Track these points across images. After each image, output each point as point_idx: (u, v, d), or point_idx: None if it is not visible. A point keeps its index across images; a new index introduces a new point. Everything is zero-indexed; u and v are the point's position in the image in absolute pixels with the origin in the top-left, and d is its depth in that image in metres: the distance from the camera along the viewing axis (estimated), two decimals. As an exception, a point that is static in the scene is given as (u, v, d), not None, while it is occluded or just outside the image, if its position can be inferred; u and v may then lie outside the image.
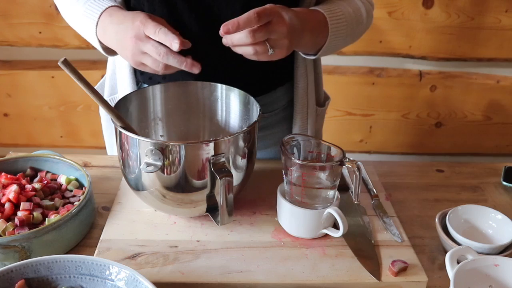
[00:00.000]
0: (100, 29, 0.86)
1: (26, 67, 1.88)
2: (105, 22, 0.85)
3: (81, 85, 0.72)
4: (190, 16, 0.90)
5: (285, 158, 0.78)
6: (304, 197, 0.79)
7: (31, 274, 0.66)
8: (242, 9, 0.87)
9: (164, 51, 0.76)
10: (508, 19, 1.83)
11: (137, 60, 0.80)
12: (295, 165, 0.77)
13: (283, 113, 1.09)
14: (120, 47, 0.82)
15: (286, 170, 0.79)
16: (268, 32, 0.77)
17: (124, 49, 0.80)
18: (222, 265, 0.75)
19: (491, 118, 2.04)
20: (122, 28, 0.81)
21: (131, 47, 0.78)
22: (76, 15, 0.90)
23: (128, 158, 0.77)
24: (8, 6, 1.77)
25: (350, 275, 0.74)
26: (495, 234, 0.82)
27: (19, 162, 0.90)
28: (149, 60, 0.78)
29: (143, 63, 0.79)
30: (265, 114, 1.06)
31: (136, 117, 0.89)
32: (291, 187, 0.79)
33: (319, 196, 0.79)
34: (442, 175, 1.04)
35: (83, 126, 2.01)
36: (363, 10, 0.97)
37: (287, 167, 0.78)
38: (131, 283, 0.64)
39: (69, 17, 0.95)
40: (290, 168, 0.78)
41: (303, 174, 0.77)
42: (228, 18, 0.83)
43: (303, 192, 0.78)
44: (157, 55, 0.76)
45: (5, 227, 0.76)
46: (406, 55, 1.89)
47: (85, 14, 0.87)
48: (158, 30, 0.75)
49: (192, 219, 0.84)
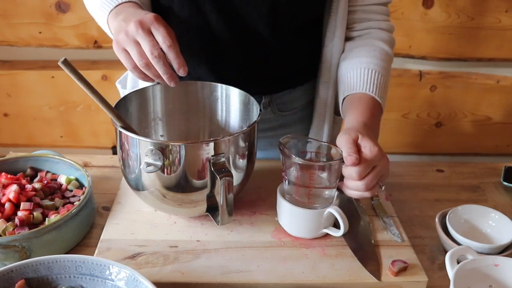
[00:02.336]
0: (113, 14, 0.82)
1: (26, 67, 1.88)
2: (121, 9, 0.81)
3: (81, 85, 0.72)
4: (217, 16, 0.90)
5: (284, 158, 0.78)
6: (303, 197, 0.79)
7: (31, 274, 0.66)
8: (268, 13, 0.89)
9: (158, 53, 0.72)
10: (508, 19, 1.83)
11: (123, 42, 0.74)
12: (295, 164, 0.77)
13: (301, 114, 1.10)
14: (120, 26, 0.77)
15: (286, 170, 0.78)
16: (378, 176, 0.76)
17: (121, 27, 0.76)
18: (222, 265, 0.75)
19: (491, 118, 2.03)
20: (134, 13, 0.78)
21: (129, 28, 0.73)
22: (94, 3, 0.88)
23: (128, 158, 0.77)
24: (8, 6, 1.77)
25: (350, 275, 0.74)
26: (495, 234, 0.82)
27: (19, 162, 0.90)
28: (134, 50, 0.73)
29: (126, 49, 0.75)
30: (283, 112, 1.07)
31: (136, 117, 0.89)
32: (291, 187, 0.79)
33: (320, 196, 0.79)
34: (442, 175, 1.04)
35: (83, 126, 2.01)
36: (388, 49, 0.96)
37: (286, 167, 0.78)
38: (131, 283, 0.64)
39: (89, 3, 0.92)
40: (290, 168, 0.78)
41: (302, 174, 0.77)
42: (254, 21, 0.87)
43: (303, 192, 0.78)
44: (149, 52, 0.73)
45: (5, 227, 0.76)
46: (406, 55, 1.89)
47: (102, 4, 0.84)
48: (170, 44, 0.73)
49: (192, 219, 0.84)
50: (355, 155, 0.72)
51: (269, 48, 0.95)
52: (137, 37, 0.73)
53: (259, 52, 0.96)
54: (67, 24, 1.81)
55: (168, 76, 0.75)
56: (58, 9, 1.78)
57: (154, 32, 0.73)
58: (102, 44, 1.85)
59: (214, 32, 0.92)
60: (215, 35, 0.92)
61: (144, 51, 0.73)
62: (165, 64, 0.73)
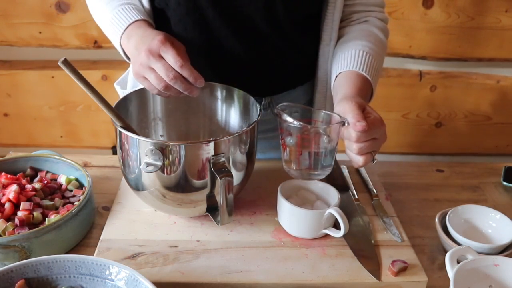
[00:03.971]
0: (125, 36, 0.87)
1: (26, 67, 1.88)
2: (132, 31, 0.86)
3: (81, 85, 0.72)
4: (214, 11, 0.91)
5: (281, 122, 0.77)
6: (301, 165, 0.78)
7: (31, 274, 0.66)
8: (264, 6, 0.89)
9: (173, 74, 0.76)
10: (508, 19, 1.83)
11: (141, 72, 0.80)
12: (294, 130, 0.77)
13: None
14: (134, 56, 0.83)
15: (285, 137, 0.78)
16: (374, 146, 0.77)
17: (135, 57, 0.81)
18: (222, 265, 0.75)
19: (491, 118, 2.03)
20: (143, 37, 0.82)
21: (141, 58, 0.78)
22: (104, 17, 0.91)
23: (128, 158, 0.77)
24: (8, 6, 1.77)
25: (350, 275, 0.74)
26: (495, 234, 0.82)
27: (19, 162, 0.90)
28: (152, 76, 0.78)
29: (145, 77, 0.80)
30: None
31: (136, 117, 0.89)
32: (292, 155, 0.79)
33: (318, 163, 0.79)
34: (442, 175, 1.04)
35: (83, 126, 2.01)
36: (383, 37, 0.98)
37: (285, 135, 0.78)
38: (131, 283, 0.64)
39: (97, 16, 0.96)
40: (289, 135, 0.77)
41: (303, 139, 0.77)
42: (251, 15, 0.88)
43: (304, 159, 0.78)
44: (165, 76, 0.77)
45: (5, 227, 0.76)
46: (406, 55, 1.89)
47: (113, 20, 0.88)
48: (181, 64, 0.76)
49: (192, 219, 0.84)
50: (364, 121, 0.73)
51: (268, 44, 0.95)
52: (150, 65, 0.78)
53: (258, 49, 0.95)
54: (67, 24, 1.81)
55: (189, 92, 0.79)
56: (58, 9, 1.78)
57: (164, 56, 0.77)
58: (102, 44, 1.85)
59: (212, 29, 0.92)
60: (213, 32, 0.92)
61: (161, 75, 0.77)
62: (182, 82, 0.78)
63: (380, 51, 0.95)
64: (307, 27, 0.99)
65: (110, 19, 0.88)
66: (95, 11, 0.95)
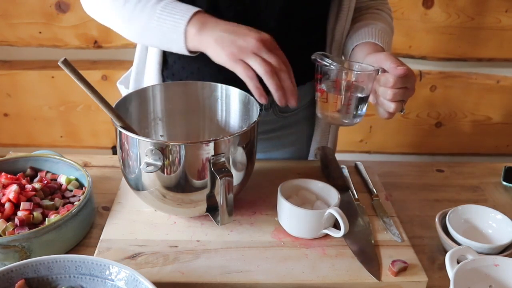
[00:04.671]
0: (194, 24, 0.82)
1: (26, 67, 1.88)
2: (202, 19, 0.83)
3: (81, 85, 0.72)
4: (231, 13, 0.91)
5: (318, 67, 0.82)
6: (336, 108, 0.82)
7: (31, 274, 0.66)
8: (281, 10, 0.91)
9: (285, 69, 0.77)
10: (508, 19, 1.83)
11: (241, 55, 0.78)
12: (332, 72, 0.80)
13: (303, 113, 1.10)
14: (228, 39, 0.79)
15: (322, 83, 0.82)
16: (405, 96, 0.83)
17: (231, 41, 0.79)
18: (222, 265, 0.75)
19: (491, 118, 2.04)
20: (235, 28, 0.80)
21: (248, 43, 0.77)
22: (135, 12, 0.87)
23: (128, 158, 0.77)
24: (8, 6, 1.77)
25: (350, 275, 0.74)
26: (495, 234, 0.82)
27: (19, 162, 0.90)
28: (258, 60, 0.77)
29: (243, 60, 0.78)
30: (285, 113, 1.07)
31: (136, 117, 0.89)
32: (326, 97, 0.82)
33: (351, 108, 0.83)
34: (442, 175, 1.04)
35: (83, 126, 2.01)
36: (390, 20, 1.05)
37: (323, 80, 0.82)
38: (131, 283, 0.64)
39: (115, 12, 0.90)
40: (327, 76, 0.81)
41: (338, 82, 0.81)
42: (267, 18, 0.90)
43: (338, 101, 0.82)
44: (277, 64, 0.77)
45: (5, 227, 0.76)
46: (406, 55, 1.89)
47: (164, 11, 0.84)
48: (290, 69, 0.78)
49: (192, 219, 0.84)
50: (404, 66, 0.76)
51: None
52: (260, 54, 0.77)
53: None
54: (67, 24, 1.81)
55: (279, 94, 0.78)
56: (58, 9, 1.78)
57: (277, 53, 0.78)
58: (102, 44, 1.85)
59: None
60: None
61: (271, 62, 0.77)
62: (276, 80, 0.77)
63: (390, 32, 1.00)
64: (313, 28, 1.00)
65: (160, 11, 0.84)
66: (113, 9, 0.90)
